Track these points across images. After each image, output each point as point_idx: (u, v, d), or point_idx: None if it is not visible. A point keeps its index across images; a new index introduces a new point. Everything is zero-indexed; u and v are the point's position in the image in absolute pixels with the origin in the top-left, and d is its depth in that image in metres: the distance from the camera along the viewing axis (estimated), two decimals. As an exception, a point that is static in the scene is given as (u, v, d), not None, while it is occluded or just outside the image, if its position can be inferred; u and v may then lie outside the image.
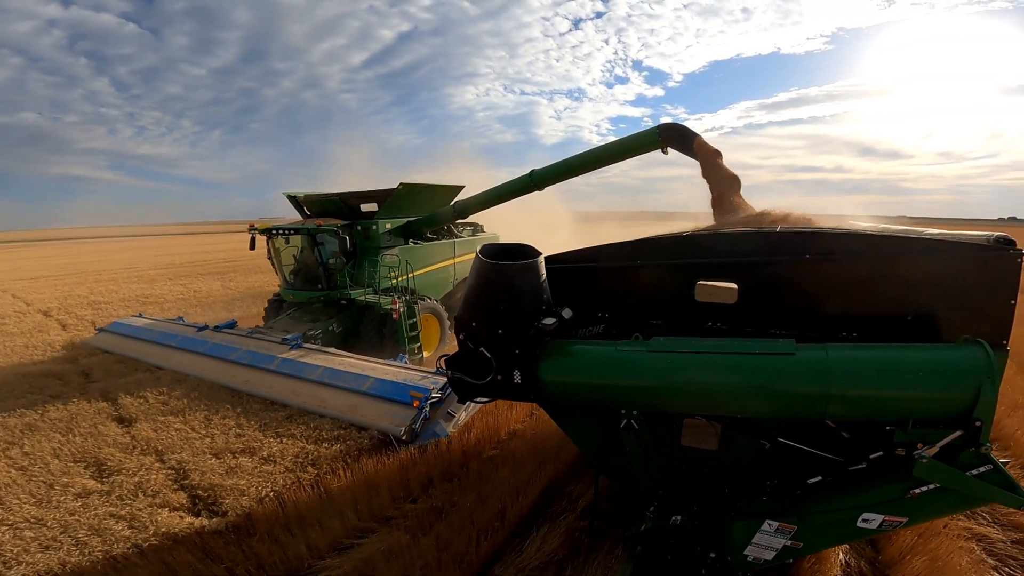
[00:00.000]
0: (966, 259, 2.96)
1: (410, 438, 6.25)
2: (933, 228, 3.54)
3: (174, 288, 21.50)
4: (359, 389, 7.05)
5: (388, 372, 7.33)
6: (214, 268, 30.00)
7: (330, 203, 11.05)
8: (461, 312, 3.47)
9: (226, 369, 8.45)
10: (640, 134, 8.33)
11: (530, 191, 9.70)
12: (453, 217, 10.87)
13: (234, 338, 9.33)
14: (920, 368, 2.63)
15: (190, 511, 5.11)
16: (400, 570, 4.18)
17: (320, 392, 7.29)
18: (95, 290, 21.42)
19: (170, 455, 6.12)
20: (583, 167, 9.20)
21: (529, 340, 3.33)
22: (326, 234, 9.88)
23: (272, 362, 8.12)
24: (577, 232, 21.66)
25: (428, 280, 11.53)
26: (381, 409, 6.67)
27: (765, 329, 3.48)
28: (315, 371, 7.63)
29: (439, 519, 4.86)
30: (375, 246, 10.56)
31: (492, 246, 3.60)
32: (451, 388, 3.71)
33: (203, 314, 14.87)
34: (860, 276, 3.22)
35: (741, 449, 3.47)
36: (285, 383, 7.66)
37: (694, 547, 3.38)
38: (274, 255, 10.51)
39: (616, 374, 3.20)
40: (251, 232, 10.14)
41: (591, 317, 4.03)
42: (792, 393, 2.79)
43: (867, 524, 2.95)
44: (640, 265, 3.86)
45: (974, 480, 2.66)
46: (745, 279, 3.54)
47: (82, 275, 27.85)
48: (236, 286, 21.74)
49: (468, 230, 14.07)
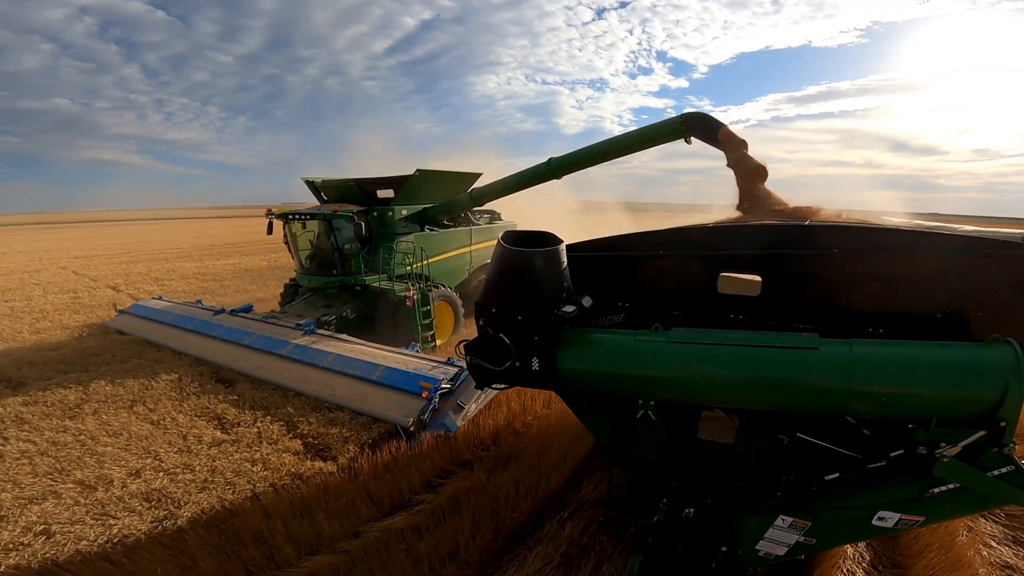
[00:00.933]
0: (998, 256, 2.89)
1: (418, 429, 6.16)
2: (966, 225, 3.42)
3: (224, 265, 23.79)
4: (369, 378, 6.97)
5: (399, 361, 7.23)
6: (254, 248, 31.52)
7: (347, 189, 10.98)
8: (481, 298, 3.45)
9: (240, 353, 8.46)
10: (662, 123, 8.03)
11: (548, 179, 9.47)
12: (469, 204, 10.71)
13: (249, 322, 9.34)
14: (946, 366, 2.59)
15: (307, 456, 5.86)
16: (486, 501, 4.90)
17: (330, 380, 7.23)
18: (152, 268, 22.97)
19: (276, 409, 6.88)
20: (602, 156, 8.93)
21: (548, 327, 3.30)
22: (342, 220, 9.80)
23: (284, 347, 8.10)
24: (592, 223, 21.46)
25: (443, 268, 11.42)
26: (390, 399, 6.58)
27: (788, 323, 3.43)
28: (326, 358, 7.57)
29: (511, 463, 5.65)
30: (391, 232, 10.48)
31: (513, 233, 3.56)
32: (469, 373, 3.69)
33: (259, 289, 16.76)
34: (888, 272, 3.15)
35: (758, 443, 3.44)
36: (296, 369, 7.63)
37: (705, 540, 3.37)
38: (290, 240, 10.50)
39: (635, 364, 3.16)
40: (268, 217, 10.13)
41: (611, 306, 4.00)
42: (814, 388, 2.74)
43: (883, 522, 2.90)
44: (662, 255, 3.81)
45: (995, 481, 2.60)
46: (769, 272, 3.49)
47: (133, 254, 29.45)
48: (282, 263, 22.84)
49: (485, 218, 13.90)
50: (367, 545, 4.45)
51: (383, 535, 4.57)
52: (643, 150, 8.51)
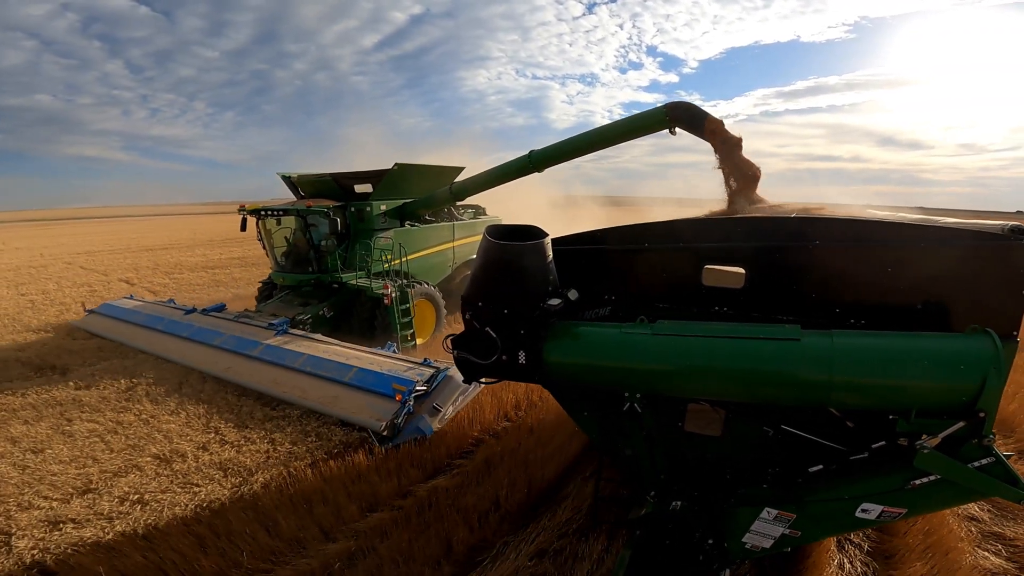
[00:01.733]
0: (979, 248, 2.92)
1: (391, 434, 5.89)
2: (949, 218, 3.46)
3: (229, 255, 24.83)
4: (341, 379, 6.69)
5: (373, 361, 6.95)
6: (251, 238, 31.39)
7: (323, 183, 10.64)
8: (467, 291, 3.48)
9: (209, 355, 8.14)
10: (646, 113, 7.76)
11: (529, 172, 9.17)
12: (450, 199, 10.39)
13: (220, 322, 9.00)
14: (926, 357, 2.59)
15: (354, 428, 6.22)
16: (518, 462, 5.43)
17: (301, 381, 6.95)
18: (158, 261, 23.41)
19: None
20: (586, 148, 8.65)
21: (535, 321, 3.33)
22: (316, 215, 9.46)
23: (255, 348, 7.78)
24: (580, 218, 21.29)
25: (425, 264, 11.12)
26: (362, 401, 6.31)
27: (772, 315, 3.46)
28: (298, 359, 7.27)
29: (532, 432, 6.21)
30: (369, 228, 10.15)
31: (499, 226, 3.57)
32: (457, 367, 3.70)
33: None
34: (869, 264, 3.18)
35: (744, 435, 3.47)
36: (266, 371, 7.32)
37: (692, 533, 3.39)
38: (264, 236, 10.14)
39: (620, 356, 3.16)
40: (241, 213, 9.77)
41: (597, 299, 4.03)
42: (796, 380, 2.74)
43: (866, 514, 2.91)
44: (648, 248, 3.84)
45: (975, 472, 2.64)
46: (752, 264, 3.53)
47: (134, 249, 29.65)
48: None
49: (469, 213, 13.60)
50: (419, 501, 4.95)
51: (429, 493, 5.07)
52: (627, 141, 8.25)
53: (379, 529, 4.59)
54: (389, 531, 4.54)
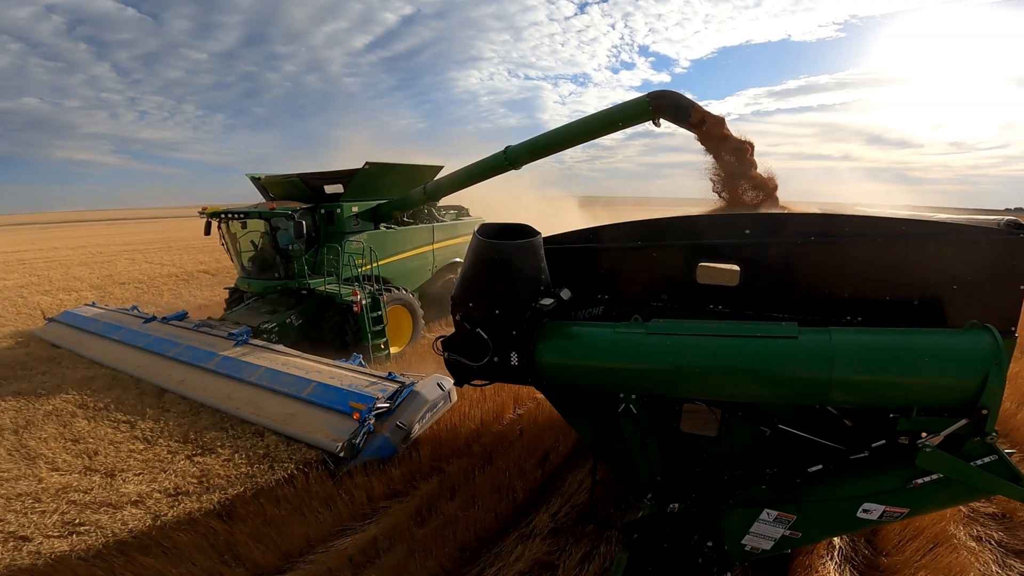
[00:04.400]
0: (975, 243, 2.92)
1: (349, 455, 5.40)
2: (942, 214, 3.48)
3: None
4: (298, 395, 6.19)
5: (335, 376, 6.45)
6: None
7: (291, 185, 10.14)
8: (458, 292, 3.42)
9: (163, 366, 7.61)
10: (628, 103, 7.30)
11: (505, 170, 8.70)
12: (424, 200, 9.90)
13: (179, 331, 8.47)
14: (926, 353, 2.55)
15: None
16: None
17: (257, 396, 6.45)
18: (169, 261, 23.53)
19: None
20: (565, 142, 8.18)
21: (527, 321, 3.27)
22: (281, 218, 8.94)
23: (211, 360, 7.27)
24: (571, 219, 20.89)
25: (401, 268, 10.62)
26: (319, 420, 5.82)
27: (767, 312, 3.45)
28: (254, 372, 6.77)
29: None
30: (340, 231, 9.64)
31: (491, 225, 3.52)
32: (448, 370, 3.63)
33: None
34: (865, 260, 3.17)
35: (741, 436, 3.45)
36: (221, 385, 6.82)
37: (691, 535, 3.35)
38: (228, 241, 9.62)
39: (615, 357, 3.12)
40: (203, 216, 9.24)
41: (590, 299, 3.99)
42: (794, 378, 2.72)
43: (867, 515, 2.89)
44: (641, 246, 3.80)
45: (978, 471, 2.61)
46: (748, 261, 3.51)
47: (142, 251, 29.39)
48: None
49: (451, 214, 13.10)
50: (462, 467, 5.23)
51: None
52: (609, 134, 7.79)
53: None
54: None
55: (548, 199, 23.16)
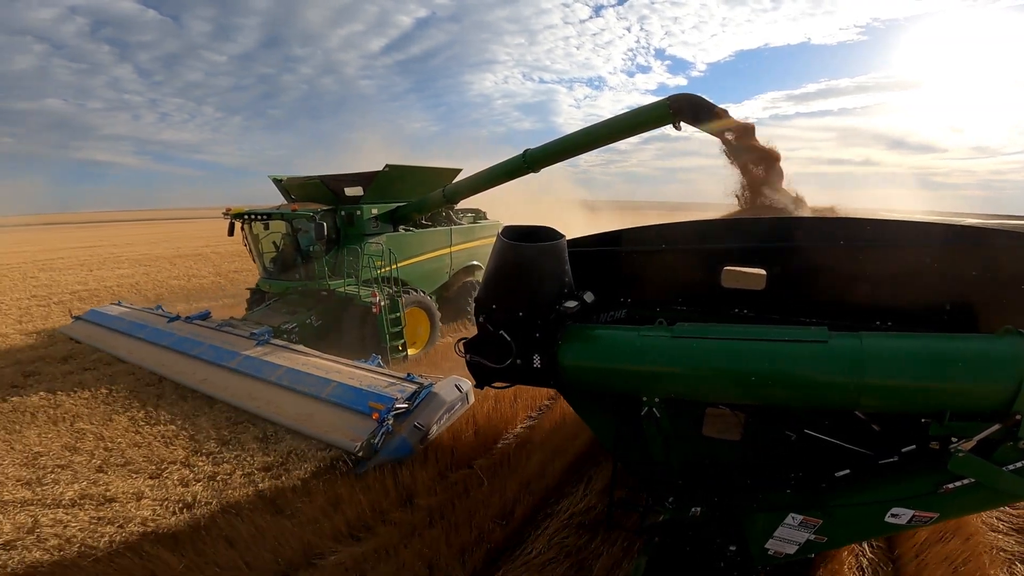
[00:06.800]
0: (1009, 248, 2.91)
1: (368, 455, 5.43)
2: (971, 219, 3.07)
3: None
4: (318, 395, 6.25)
5: (354, 376, 6.50)
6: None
7: (313, 186, 10.25)
8: (481, 294, 3.42)
9: (186, 365, 7.74)
10: (648, 107, 7.26)
11: (524, 173, 8.70)
12: (443, 202, 9.95)
13: (202, 330, 8.62)
14: (960, 359, 2.53)
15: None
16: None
17: (277, 396, 6.51)
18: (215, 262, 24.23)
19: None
20: (584, 145, 8.16)
21: (550, 324, 3.25)
22: (302, 219, 9.05)
23: (233, 359, 7.37)
24: (587, 223, 20.87)
25: (419, 271, 10.66)
26: (339, 419, 5.85)
27: (793, 317, 3.44)
28: (275, 371, 6.85)
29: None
30: (360, 233, 9.72)
31: (514, 228, 3.49)
32: (469, 371, 3.60)
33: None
34: (896, 264, 3.15)
35: (765, 440, 3.39)
36: (242, 384, 6.90)
37: (713, 539, 3.33)
38: (251, 242, 9.77)
39: (638, 360, 3.09)
40: (226, 216, 9.40)
41: (613, 302, 3.99)
42: (823, 383, 2.69)
43: (896, 519, 2.86)
44: (665, 249, 3.80)
45: (1011, 476, 2.58)
46: (774, 265, 3.49)
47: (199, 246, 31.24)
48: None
49: (469, 217, 13.15)
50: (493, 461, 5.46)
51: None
52: (628, 137, 7.75)
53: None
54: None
55: (563, 203, 23.19)
